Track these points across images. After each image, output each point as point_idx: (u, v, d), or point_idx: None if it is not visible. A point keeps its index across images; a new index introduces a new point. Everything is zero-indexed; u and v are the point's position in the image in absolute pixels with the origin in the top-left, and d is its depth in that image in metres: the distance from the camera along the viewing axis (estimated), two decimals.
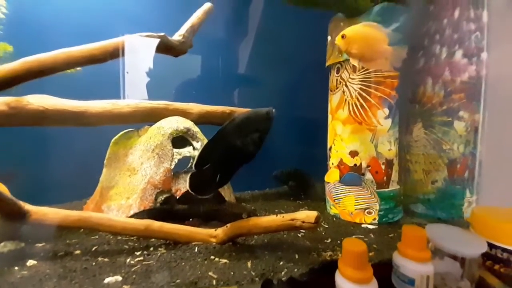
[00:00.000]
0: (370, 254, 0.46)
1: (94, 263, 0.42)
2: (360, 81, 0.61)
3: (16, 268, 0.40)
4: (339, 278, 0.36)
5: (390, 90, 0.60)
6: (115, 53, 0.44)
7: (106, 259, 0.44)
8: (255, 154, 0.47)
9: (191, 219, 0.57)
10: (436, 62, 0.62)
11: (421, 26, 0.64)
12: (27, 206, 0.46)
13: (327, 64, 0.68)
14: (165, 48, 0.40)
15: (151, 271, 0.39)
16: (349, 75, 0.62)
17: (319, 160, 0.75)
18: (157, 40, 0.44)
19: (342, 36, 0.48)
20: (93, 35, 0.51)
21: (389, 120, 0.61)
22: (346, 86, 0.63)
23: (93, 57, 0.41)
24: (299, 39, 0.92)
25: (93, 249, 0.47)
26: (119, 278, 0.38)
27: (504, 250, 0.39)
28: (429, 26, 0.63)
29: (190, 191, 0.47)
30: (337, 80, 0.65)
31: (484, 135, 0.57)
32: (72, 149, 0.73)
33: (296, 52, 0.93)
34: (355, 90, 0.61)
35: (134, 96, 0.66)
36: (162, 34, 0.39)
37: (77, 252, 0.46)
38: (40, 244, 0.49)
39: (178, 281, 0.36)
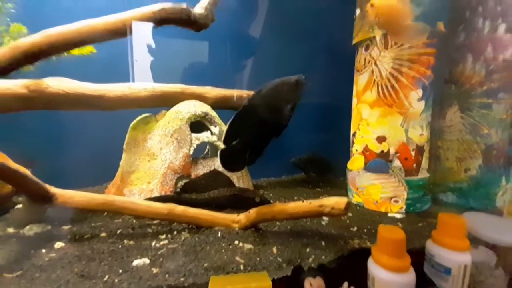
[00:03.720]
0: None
1: (120, 246, 0.43)
2: (392, 59, 0.56)
3: (44, 250, 0.41)
4: (372, 266, 0.34)
5: (425, 69, 0.55)
6: None
7: (131, 242, 0.44)
8: (285, 126, 0.44)
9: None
10: (478, 37, 0.56)
11: None
12: (53, 189, 0.46)
13: (354, 41, 0.63)
14: (187, 22, 0.37)
15: (178, 255, 0.39)
16: (380, 52, 0.57)
17: (340, 147, 0.72)
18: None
19: (371, 5, 0.44)
20: (108, 10, 0.48)
21: (422, 103, 0.57)
22: (376, 65, 0.58)
23: (117, 30, 0.38)
24: (320, 18, 0.85)
25: (118, 232, 0.48)
26: (147, 260, 0.38)
27: None
28: None
29: (222, 167, 0.46)
30: (365, 58, 0.60)
31: None
32: (91, 135, 0.73)
33: (317, 32, 0.87)
34: (386, 70, 0.57)
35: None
36: (184, 5, 0.36)
37: (103, 234, 0.47)
38: (67, 227, 0.50)
39: (205, 265, 0.36)
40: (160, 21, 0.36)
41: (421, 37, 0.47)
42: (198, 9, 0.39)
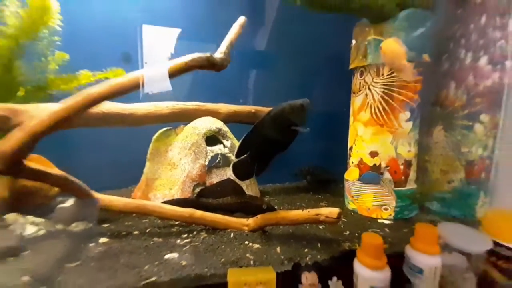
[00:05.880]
0: (385, 246, 0.51)
1: (152, 242, 0.52)
2: (383, 85, 0.63)
3: (92, 244, 0.51)
4: (357, 265, 0.42)
5: (412, 94, 0.63)
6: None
7: (160, 239, 0.53)
8: (290, 143, 0.52)
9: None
10: (460, 66, 0.63)
11: (447, 30, 0.64)
12: (96, 194, 0.56)
13: (350, 67, 0.71)
14: (209, 65, 0.46)
15: (199, 251, 0.48)
16: (373, 78, 0.65)
17: (339, 158, 0.80)
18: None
19: (380, 47, 0.53)
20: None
21: (410, 123, 0.64)
22: (369, 89, 0.66)
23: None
24: (322, 40, 0.93)
25: (147, 231, 0.57)
26: (175, 255, 0.47)
27: (508, 248, 0.43)
28: (455, 30, 0.63)
29: (234, 177, 0.54)
30: (360, 83, 0.68)
31: (502, 141, 0.59)
32: (117, 143, 0.82)
33: (321, 55, 0.95)
34: (378, 94, 0.65)
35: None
36: (208, 54, 0.45)
37: (136, 232, 0.56)
38: (105, 225, 0.60)
39: (223, 260, 0.45)
40: (190, 68, 0.45)
41: (413, 74, 0.54)
42: (218, 55, 0.47)
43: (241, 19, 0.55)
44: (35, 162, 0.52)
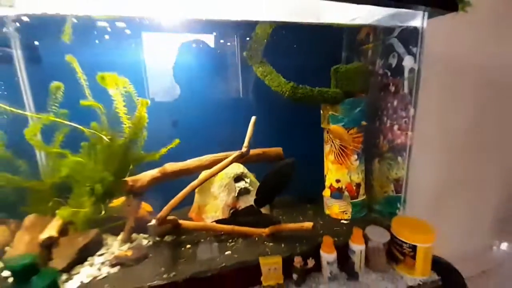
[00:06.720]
0: (341, 239, 0.95)
1: (213, 246, 0.96)
2: (339, 140, 1.03)
3: (183, 249, 0.95)
4: (321, 252, 0.86)
5: (357, 144, 1.03)
6: None
7: (216, 244, 0.97)
8: (284, 188, 0.95)
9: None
10: (384, 127, 1.02)
11: (376, 104, 1.02)
12: (179, 221, 0.99)
13: (322, 125, 1.10)
14: (242, 157, 0.89)
15: (241, 249, 0.92)
16: (334, 136, 1.04)
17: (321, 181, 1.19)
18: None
19: (329, 129, 0.92)
20: None
21: (358, 161, 1.04)
22: (333, 142, 1.06)
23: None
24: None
25: (207, 238, 1.01)
26: (230, 252, 0.91)
27: (398, 239, 0.86)
28: (380, 105, 1.01)
29: (254, 205, 0.98)
30: (327, 136, 1.08)
31: (409, 171, 0.99)
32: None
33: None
34: (337, 145, 1.04)
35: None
36: (240, 152, 0.86)
37: (202, 240, 1.01)
38: (183, 236, 1.04)
39: (255, 253, 0.89)
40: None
41: (351, 142, 0.94)
42: (244, 148, 0.89)
43: (253, 119, 0.95)
44: (144, 207, 0.96)
